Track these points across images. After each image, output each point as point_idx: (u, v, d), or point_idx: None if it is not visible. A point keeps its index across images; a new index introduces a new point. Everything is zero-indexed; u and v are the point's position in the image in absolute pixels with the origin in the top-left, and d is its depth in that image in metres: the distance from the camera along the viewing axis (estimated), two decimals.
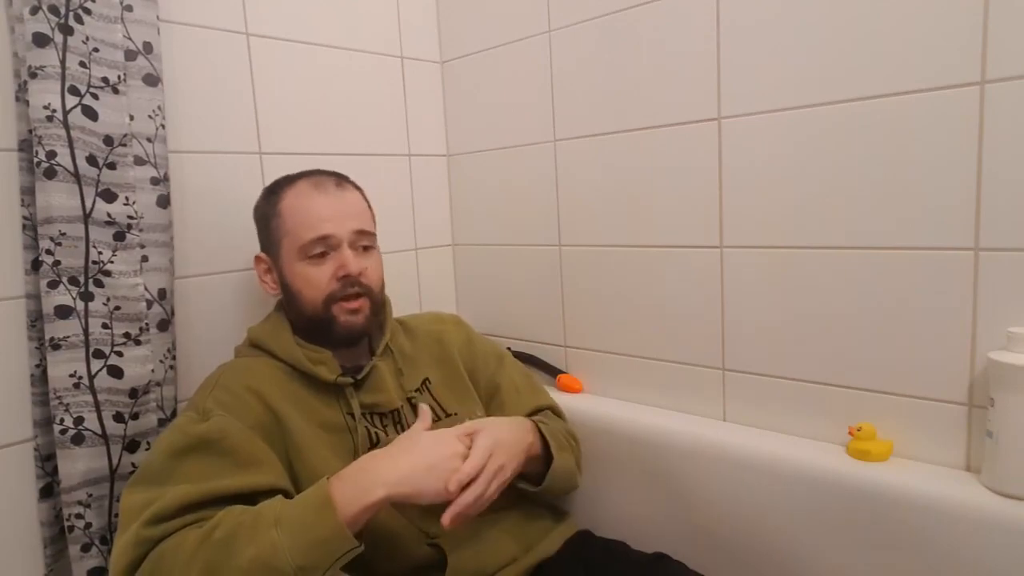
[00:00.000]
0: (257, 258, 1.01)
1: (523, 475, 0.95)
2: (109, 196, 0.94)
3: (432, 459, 0.77)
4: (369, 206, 1.01)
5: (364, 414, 0.93)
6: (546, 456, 0.97)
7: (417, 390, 1.01)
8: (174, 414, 1.03)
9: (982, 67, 0.81)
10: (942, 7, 0.83)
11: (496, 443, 0.83)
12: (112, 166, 0.94)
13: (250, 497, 0.76)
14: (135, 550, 0.71)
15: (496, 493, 0.82)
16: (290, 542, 0.68)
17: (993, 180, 0.82)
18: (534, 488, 0.96)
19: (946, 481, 0.86)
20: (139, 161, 0.98)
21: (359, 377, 0.94)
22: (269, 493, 0.77)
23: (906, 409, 0.92)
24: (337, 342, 0.95)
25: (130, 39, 0.97)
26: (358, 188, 1.01)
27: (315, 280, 0.93)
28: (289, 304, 0.97)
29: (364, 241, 0.97)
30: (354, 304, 0.94)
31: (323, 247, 0.93)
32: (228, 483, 0.77)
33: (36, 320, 0.93)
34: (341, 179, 1.00)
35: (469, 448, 0.81)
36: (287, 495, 0.78)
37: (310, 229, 0.92)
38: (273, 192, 0.99)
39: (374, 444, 0.91)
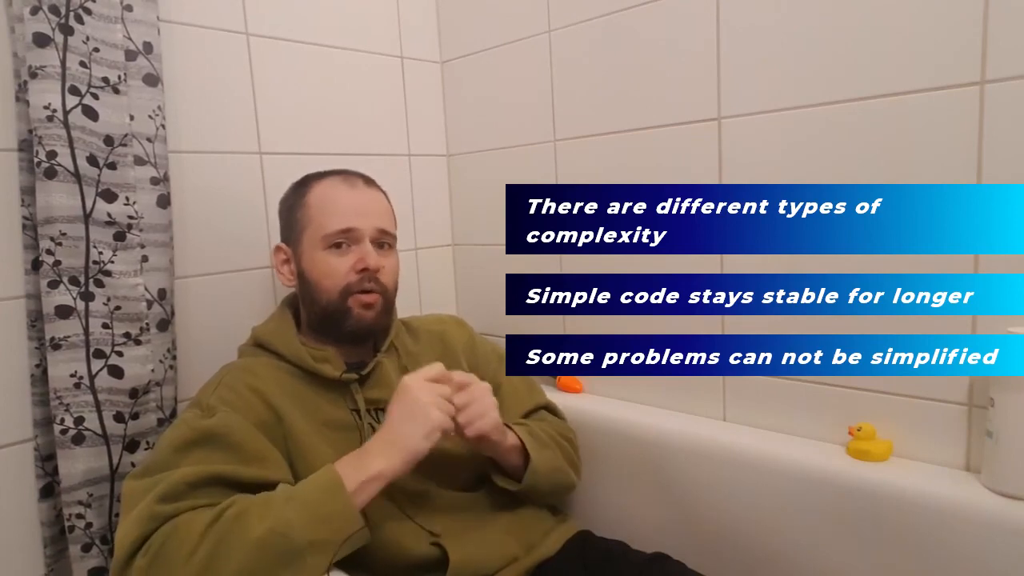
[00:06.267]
0: (277, 248, 1.02)
1: (503, 471, 0.96)
2: (109, 196, 0.94)
3: (411, 411, 0.81)
4: (392, 210, 1.03)
5: (369, 410, 0.94)
6: (527, 456, 0.97)
7: None
8: (174, 414, 1.03)
9: (982, 67, 0.81)
10: (942, 7, 0.83)
11: (472, 379, 0.90)
12: (112, 166, 0.94)
13: (255, 489, 0.77)
14: (146, 525, 0.71)
15: (473, 427, 0.86)
16: (301, 518, 0.71)
17: (994, 181, 0.82)
18: (515, 487, 0.96)
19: (946, 481, 0.86)
20: (139, 161, 0.98)
21: (364, 372, 0.95)
22: (273, 487, 0.78)
23: (906, 409, 0.92)
24: (346, 337, 0.96)
25: (130, 39, 0.97)
26: (383, 191, 1.03)
27: (334, 270, 0.94)
28: (304, 294, 0.98)
29: (385, 240, 0.98)
30: (369, 298, 0.95)
31: (345, 239, 0.94)
32: (234, 469, 0.77)
33: (36, 320, 0.93)
34: (369, 180, 1.02)
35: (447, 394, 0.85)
36: None
37: (335, 220, 0.94)
38: (302, 184, 1.00)
39: None
